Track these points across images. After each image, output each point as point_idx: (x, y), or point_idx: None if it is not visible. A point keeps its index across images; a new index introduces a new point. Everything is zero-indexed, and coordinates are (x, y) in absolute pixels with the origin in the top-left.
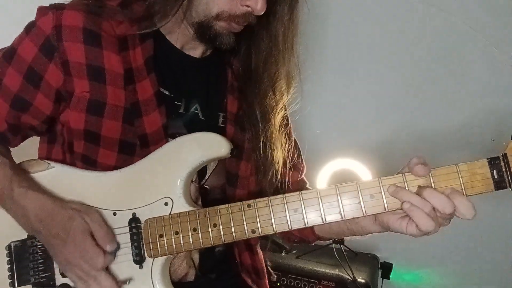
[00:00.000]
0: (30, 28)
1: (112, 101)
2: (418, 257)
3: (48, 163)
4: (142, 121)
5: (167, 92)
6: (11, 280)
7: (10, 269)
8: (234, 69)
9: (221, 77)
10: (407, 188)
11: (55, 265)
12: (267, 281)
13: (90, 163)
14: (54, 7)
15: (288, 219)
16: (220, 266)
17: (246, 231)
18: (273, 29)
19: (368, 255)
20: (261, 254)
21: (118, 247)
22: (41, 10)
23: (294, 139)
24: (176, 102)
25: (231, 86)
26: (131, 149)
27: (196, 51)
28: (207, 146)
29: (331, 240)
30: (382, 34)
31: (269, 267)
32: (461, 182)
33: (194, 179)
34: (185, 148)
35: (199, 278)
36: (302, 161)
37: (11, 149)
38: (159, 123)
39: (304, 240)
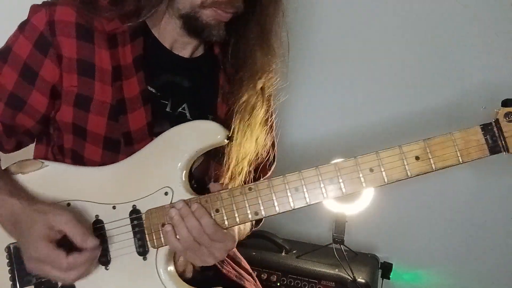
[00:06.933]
0: (23, 25)
1: (99, 97)
2: (418, 257)
3: (42, 162)
4: (126, 118)
5: (154, 91)
6: (12, 282)
7: (11, 271)
8: (227, 72)
9: (213, 79)
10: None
11: None
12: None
13: (78, 160)
14: (46, 4)
15: (290, 199)
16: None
17: (250, 214)
18: (259, 18)
19: (368, 255)
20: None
21: (104, 241)
22: (34, 8)
23: (273, 139)
24: (162, 101)
25: (222, 89)
26: (116, 146)
27: (185, 50)
28: (203, 134)
29: (331, 240)
30: (381, 32)
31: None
32: (457, 150)
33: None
34: (181, 136)
35: (197, 274)
36: (274, 162)
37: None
38: (143, 121)
39: None
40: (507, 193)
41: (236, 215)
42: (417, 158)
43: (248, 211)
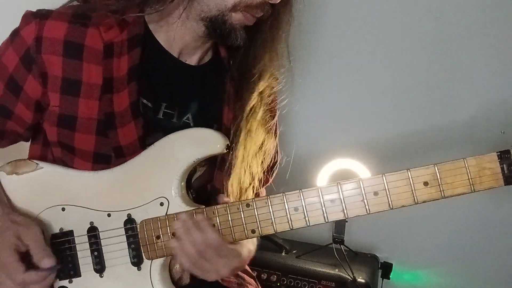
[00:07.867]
0: (14, 36)
1: (83, 115)
2: (418, 257)
3: (37, 164)
4: (116, 133)
5: (149, 104)
6: None
7: None
8: (234, 77)
9: (219, 85)
10: (412, 184)
11: None
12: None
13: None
14: (39, 15)
15: (289, 218)
16: None
17: (246, 231)
18: (273, 24)
19: (368, 255)
20: None
21: (58, 264)
22: (26, 17)
23: (277, 145)
24: (169, 111)
25: (228, 96)
26: (107, 159)
27: (194, 56)
28: (202, 143)
29: (331, 240)
30: (380, 30)
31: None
32: (469, 177)
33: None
34: (179, 145)
35: (194, 281)
36: (276, 167)
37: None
38: (134, 136)
39: None
40: (508, 193)
41: (233, 232)
42: (425, 183)
43: (245, 228)
